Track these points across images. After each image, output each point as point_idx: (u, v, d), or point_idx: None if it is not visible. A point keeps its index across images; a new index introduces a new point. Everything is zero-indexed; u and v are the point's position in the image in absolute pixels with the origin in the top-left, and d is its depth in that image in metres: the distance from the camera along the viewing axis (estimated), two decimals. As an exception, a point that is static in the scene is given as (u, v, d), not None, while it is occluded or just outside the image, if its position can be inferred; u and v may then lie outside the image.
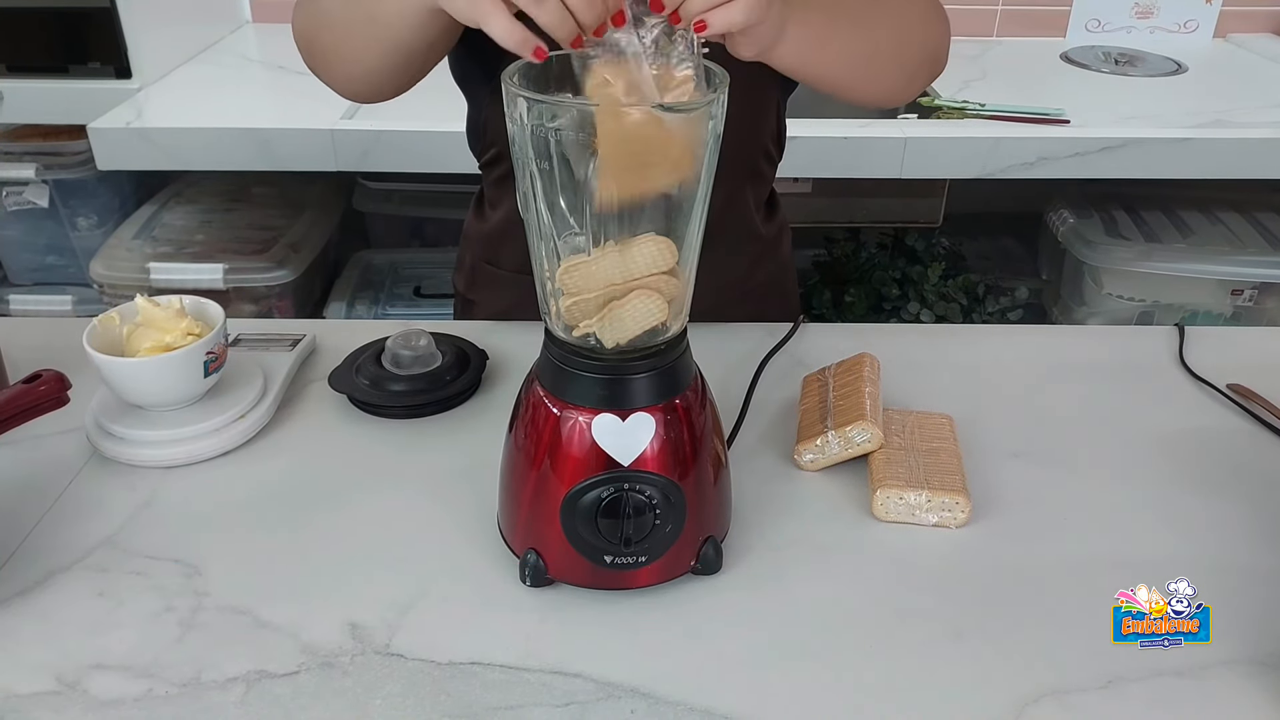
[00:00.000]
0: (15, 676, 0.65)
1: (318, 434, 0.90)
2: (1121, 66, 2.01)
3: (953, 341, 1.09)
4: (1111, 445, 0.89)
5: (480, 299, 1.17)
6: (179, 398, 0.86)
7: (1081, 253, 1.81)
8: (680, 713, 0.64)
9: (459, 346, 0.98)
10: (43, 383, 0.77)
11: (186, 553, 0.76)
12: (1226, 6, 2.17)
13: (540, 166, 0.63)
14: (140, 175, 1.92)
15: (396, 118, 1.61)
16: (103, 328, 0.86)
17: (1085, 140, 1.60)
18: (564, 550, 0.70)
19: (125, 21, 1.69)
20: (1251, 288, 1.78)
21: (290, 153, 1.57)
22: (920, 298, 1.86)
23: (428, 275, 1.97)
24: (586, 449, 0.68)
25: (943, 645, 0.69)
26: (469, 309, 1.20)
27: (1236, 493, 0.84)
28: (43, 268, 1.92)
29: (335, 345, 1.01)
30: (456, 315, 1.26)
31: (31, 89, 1.72)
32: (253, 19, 2.16)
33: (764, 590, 0.73)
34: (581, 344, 0.68)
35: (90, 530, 0.78)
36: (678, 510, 0.70)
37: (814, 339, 1.06)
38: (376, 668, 0.66)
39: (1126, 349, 1.06)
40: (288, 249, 1.79)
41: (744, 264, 1.12)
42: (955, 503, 0.79)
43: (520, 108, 0.61)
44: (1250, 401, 0.95)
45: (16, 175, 1.78)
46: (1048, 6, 2.18)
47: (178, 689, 0.65)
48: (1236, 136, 1.62)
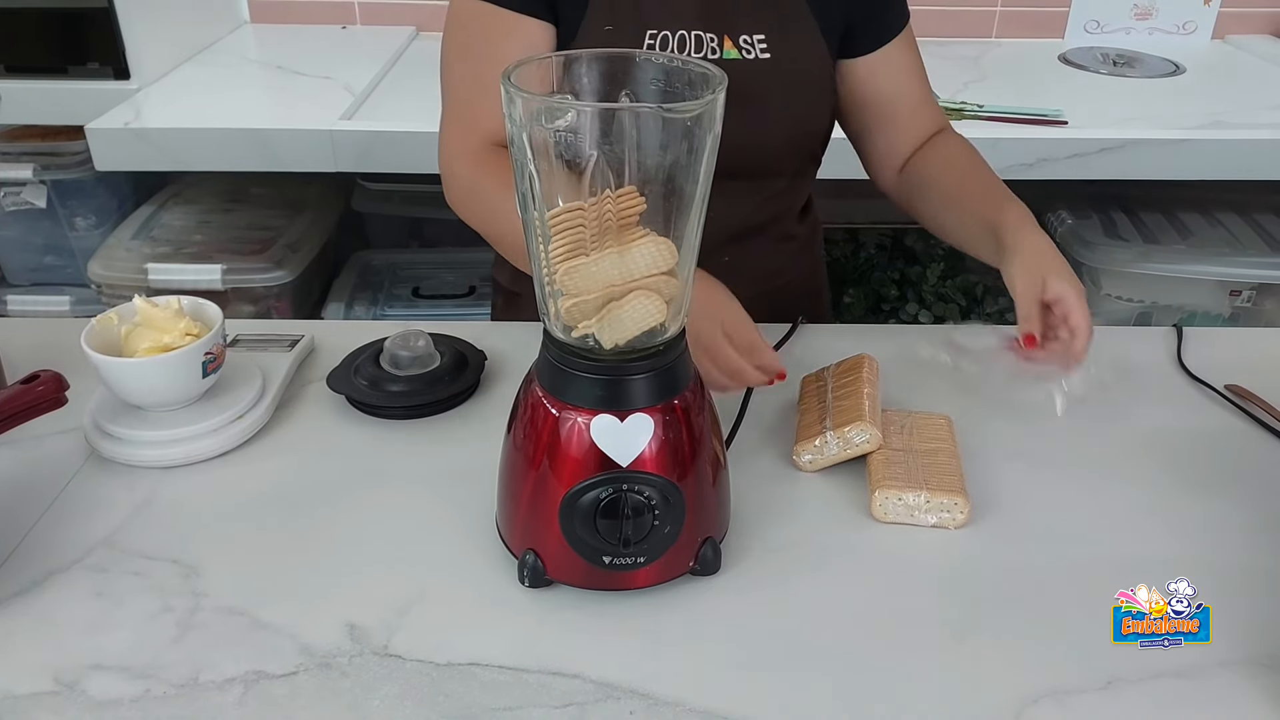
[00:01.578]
0: (13, 677, 0.65)
1: (316, 435, 0.90)
2: (1120, 68, 2.01)
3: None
4: (1110, 446, 0.89)
5: (526, 291, 1.19)
6: (177, 398, 0.86)
7: (1080, 254, 1.81)
8: (679, 713, 0.64)
9: (457, 347, 0.98)
10: (41, 383, 0.77)
11: (185, 553, 0.76)
12: (1225, 8, 2.17)
13: (539, 167, 0.63)
14: (138, 176, 1.92)
15: (395, 118, 1.61)
16: (101, 328, 0.86)
17: (1084, 141, 1.60)
18: (563, 551, 0.70)
19: (123, 22, 1.69)
20: (1250, 289, 1.78)
21: (289, 153, 1.57)
22: (919, 298, 1.86)
23: (426, 276, 1.97)
24: (585, 449, 0.68)
25: (942, 646, 0.69)
26: (514, 302, 1.20)
27: (1235, 493, 0.84)
28: (41, 268, 1.91)
29: (334, 346, 1.01)
30: (497, 308, 1.27)
31: (30, 89, 1.71)
32: (251, 19, 2.16)
33: (763, 591, 0.73)
34: (580, 344, 0.68)
35: (88, 530, 0.78)
36: (676, 511, 0.70)
37: (813, 339, 1.06)
38: (375, 668, 0.66)
39: (1125, 350, 1.06)
40: (286, 249, 1.79)
41: (780, 261, 1.15)
42: (954, 503, 0.79)
43: (519, 108, 0.61)
44: (1248, 402, 0.95)
45: (14, 176, 1.78)
46: (1046, 8, 2.18)
47: (176, 689, 0.65)
48: (1235, 138, 1.62)
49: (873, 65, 1.08)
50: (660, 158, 0.62)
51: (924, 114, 1.12)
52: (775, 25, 1.02)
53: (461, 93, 1.02)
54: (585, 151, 0.61)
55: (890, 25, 1.09)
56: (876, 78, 1.09)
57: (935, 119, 1.14)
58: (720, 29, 1.01)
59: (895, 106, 1.11)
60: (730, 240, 1.09)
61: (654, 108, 0.63)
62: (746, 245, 1.11)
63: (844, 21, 1.06)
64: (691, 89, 0.65)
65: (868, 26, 1.07)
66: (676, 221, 0.66)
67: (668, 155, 0.62)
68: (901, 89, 1.10)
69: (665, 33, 1.00)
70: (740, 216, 1.09)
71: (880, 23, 1.08)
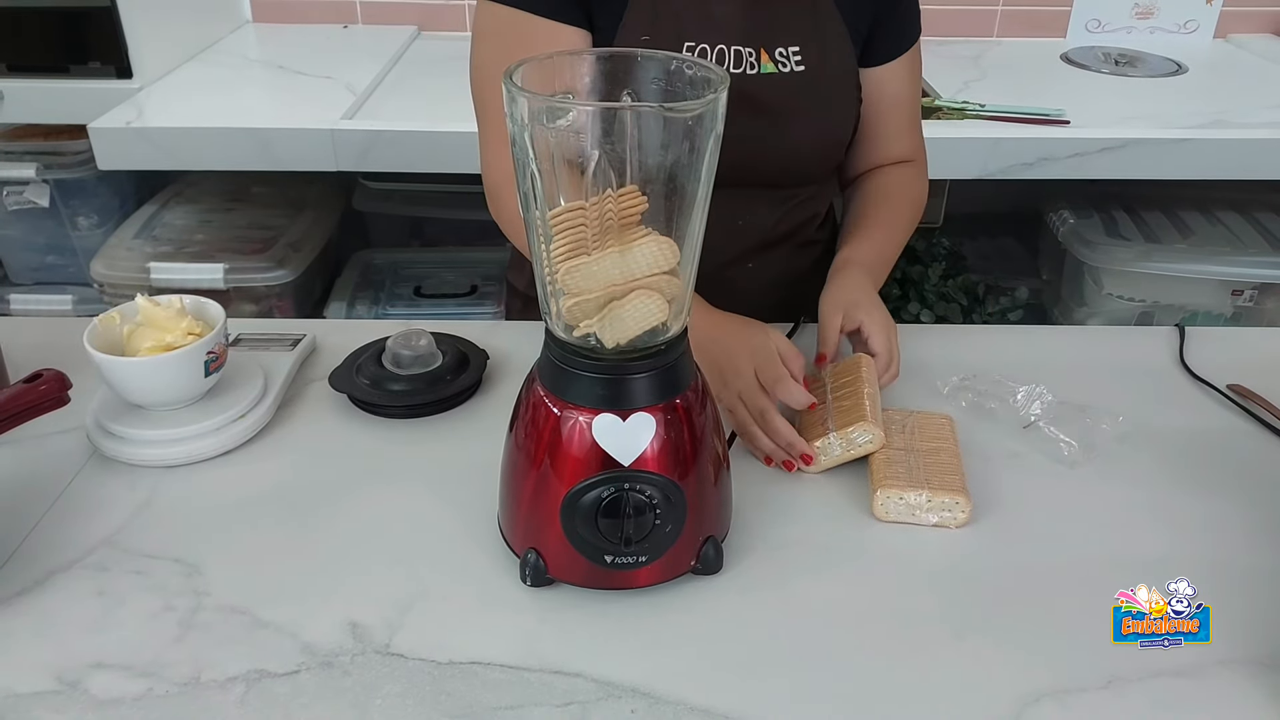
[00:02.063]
0: (15, 676, 0.65)
1: (318, 434, 0.90)
2: (1121, 67, 2.01)
3: (952, 341, 1.09)
4: (1111, 445, 0.89)
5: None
6: (179, 397, 0.86)
7: (1081, 253, 1.80)
8: (680, 712, 0.64)
9: (459, 346, 0.98)
10: (43, 382, 0.77)
11: (186, 552, 0.76)
12: (1226, 7, 2.17)
13: (541, 166, 0.63)
14: (140, 175, 1.92)
15: (397, 117, 1.61)
16: (103, 327, 0.86)
17: (1085, 141, 1.60)
18: (564, 550, 0.70)
19: (126, 21, 1.69)
20: (1252, 288, 1.78)
21: (290, 152, 1.57)
22: (920, 298, 1.85)
23: (428, 275, 1.97)
24: (587, 449, 0.68)
25: (943, 645, 0.69)
26: (531, 306, 1.20)
27: (1236, 493, 0.84)
28: (43, 267, 1.91)
29: (335, 345, 1.01)
30: (515, 312, 1.27)
31: (32, 88, 1.71)
32: (253, 19, 2.16)
33: (764, 590, 0.73)
34: (582, 344, 0.68)
35: (90, 530, 0.78)
36: (678, 510, 0.70)
37: (814, 339, 1.06)
38: (377, 667, 0.66)
39: (1127, 349, 1.06)
40: (288, 249, 1.79)
41: (801, 267, 1.16)
42: (955, 503, 0.79)
43: (520, 107, 0.61)
44: (1250, 402, 0.95)
45: (17, 175, 1.78)
46: (1048, 7, 2.18)
47: (178, 688, 0.65)
48: (1236, 137, 1.62)
49: (880, 76, 1.08)
50: (661, 157, 0.62)
51: (903, 139, 1.12)
52: (811, 35, 1.02)
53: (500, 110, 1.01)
54: (587, 151, 0.61)
55: (907, 35, 1.08)
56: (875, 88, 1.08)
57: (910, 147, 1.13)
58: (758, 42, 1.00)
59: (878, 126, 1.10)
60: (757, 248, 1.09)
61: (655, 107, 0.63)
62: (771, 253, 1.11)
63: (869, 27, 1.05)
64: (693, 88, 0.65)
65: (887, 35, 1.07)
66: (678, 221, 0.66)
67: (669, 155, 0.62)
68: (893, 107, 1.10)
69: (704, 45, 0.99)
70: (768, 225, 1.10)
71: (899, 33, 1.08)
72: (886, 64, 1.08)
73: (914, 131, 1.13)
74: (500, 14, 0.95)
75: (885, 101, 1.09)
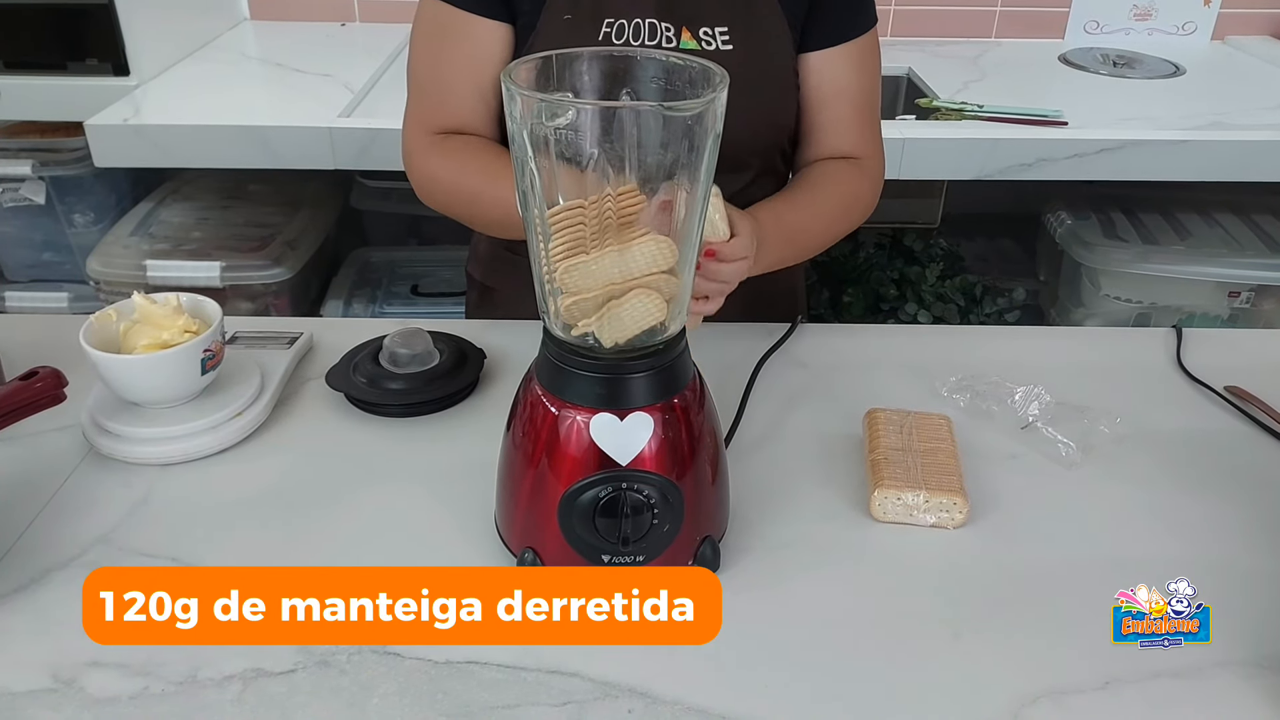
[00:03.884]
0: (11, 674, 0.65)
1: (315, 432, 0.90)
2: (1120, 68, 2.01)
3: (950, 342, 1.09)
4: (1109, 446, 0.89)
5: (500, 285, 1.19)
6: (176, 395, 0.86)
7: (1079, 254, 1.81)
8: (677, 712, 0.64)
9: (457, 345, 0.98)
10: (39, 380, 0.76)
11: (182, 550, 0.76)
12: (1224, 9, 2.18)
13: (539, 165, 0.63)
14: (137, 172, 1.92)
15: (394, 116, 1.60)
16: (99, 325, 0.86)
17: (1083, 142, 1.60)
18: (561, 549, 0.70)
19: (123, 18, 1.69)
20: (1249, 290, 1.78)
21: (288, 150, 1.57)
22: (918, 298, 1.85)
23: (425, 273, 1.97)
24: (584, 448, 0.68)
25: (941, 645, 0.69)
26: (488, 296, 1.20)
27: (1235, 494, 0.84)
28: (39, 265, 1.91)
29: (332, 343, 1.01)
30: (471, 304, 1.27)
31: (29, 86, 1.71)
32: (251, 16, 2.16)
33: (762, 590, 0.73)
34: (580, 343, 0.68)
35: (86, 527, 0.78)
36: (675, 510, 0.70)
37: (812, 339, 1.06)
38: (373, 666, 0.66)
39: (1124, 351, 1.07)
40: (285, 247, 1.78)
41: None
42: (953, 503, 0.79)
43: (519, 106, 0.61)
44: (1247, 404, 0.95)
45: (13, 172, 1.78)
46: (1046, 8, 2.18)
47: (174, 687, 0.64)
48: (1234, 139, 1.62)
49: (819, 63, 1.04)
50: (661, 156, 0.62)
51: (848, 134, 1.06)
52: (741, 16, 1.01)
53: (420, 90, 1.05)
54: (586, 150, 0.61)
55: (851, 24, 1.04)
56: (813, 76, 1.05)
57: (857, 144, 1.07)
58: (678, 19, 1.00)
59: (817, 116, 1.06)
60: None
61: (655, 106, 0.63)
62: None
63: (805, 11, 1.02)
64: (692, 87, 0.65)
65: (826, 19, 1.03)
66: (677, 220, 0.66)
67: (668, 154, 0.62)
68: (833, 97, 1.05)
69: (621, 21, 1.00)
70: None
71: (839, 20, 1.04)
72: (825, 50, 1.04)
73: (862, 128, 1.08)
74: (429, 6, 1.01)
75: (824, 90, 1.05)
